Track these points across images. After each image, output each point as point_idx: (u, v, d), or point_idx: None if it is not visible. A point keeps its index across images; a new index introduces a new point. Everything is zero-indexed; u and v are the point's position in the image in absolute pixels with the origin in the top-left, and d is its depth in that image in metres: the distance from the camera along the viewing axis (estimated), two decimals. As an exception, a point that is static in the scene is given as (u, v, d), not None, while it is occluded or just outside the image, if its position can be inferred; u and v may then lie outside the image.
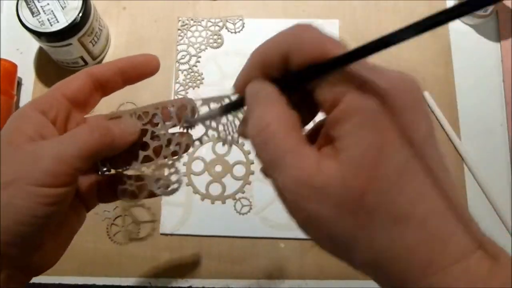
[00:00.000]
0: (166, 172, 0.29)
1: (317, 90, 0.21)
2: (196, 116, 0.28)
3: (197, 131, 0.29)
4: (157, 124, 0.28)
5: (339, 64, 0.20)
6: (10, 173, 0.23)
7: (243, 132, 0.25)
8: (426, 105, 0.21)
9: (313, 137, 0.23)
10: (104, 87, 0.28)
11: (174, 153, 0.29)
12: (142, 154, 0.28)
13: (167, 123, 0.28)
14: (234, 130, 0.27)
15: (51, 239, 0.27)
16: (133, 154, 0.28)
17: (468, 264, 0.19)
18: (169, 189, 0.28)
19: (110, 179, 0.30)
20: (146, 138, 0.28)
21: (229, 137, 0.27)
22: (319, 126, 0.23)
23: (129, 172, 0.29)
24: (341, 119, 0.20)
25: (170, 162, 0.28)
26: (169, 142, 0.28)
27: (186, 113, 0.28)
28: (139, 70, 0.29)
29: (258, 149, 0.21)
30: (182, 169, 0.53)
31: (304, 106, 0.23)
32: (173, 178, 0.28)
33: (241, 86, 0.24)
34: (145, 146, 0.28)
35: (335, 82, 0.20)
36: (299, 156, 0.20)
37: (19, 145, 0.24)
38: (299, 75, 0.21)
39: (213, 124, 0.27)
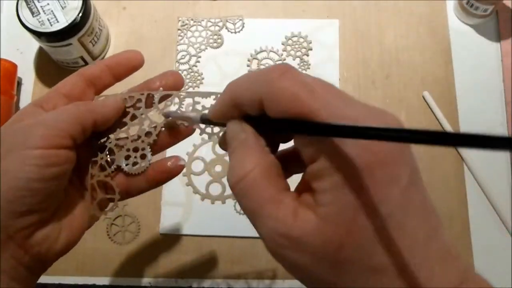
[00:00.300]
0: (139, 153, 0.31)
1: (295, 140, 0.21)
2: (177, 110, 0.30)
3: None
4: (139, 108, 0.30)
5: (316, 132, 0.20)
6: (7, 144, 0.26)
7: (221, 144, 0.27)
8: (407, 152, 0.20)
9: (292, 162, 0.23)
10: (95, 83, 0.31)
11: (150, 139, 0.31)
12: (119, 131, 0.30)
13: (148, 109, 0.30)
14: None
15: (59, 224, 0.28)
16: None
17: None
18: (135, 167, 0.30)
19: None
20: (126, 119, 0.30)
21: (209, 129, 0.30)
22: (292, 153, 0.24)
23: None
24: (318, 176, 0.20)
25: (142, 141, 0.30)
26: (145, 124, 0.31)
27: (168, 102, 0.31)
28: (125, 65, 0.31)
29: (238, 198, 0.22)
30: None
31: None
32: (142, 159, 0.30)
33: (216, 117, 0.25)
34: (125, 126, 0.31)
35: (313, 139, 0.20)
36: (276, 208, 0.20)
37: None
38: (275, 125, 0.21)
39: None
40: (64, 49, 0.53)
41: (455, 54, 0.57)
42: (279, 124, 0.21)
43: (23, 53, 0.59)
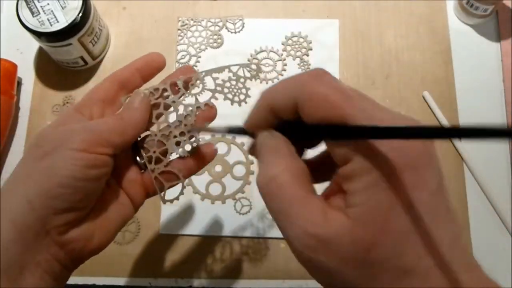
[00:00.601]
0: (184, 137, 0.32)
1: (328, 144, 0.22)
2: (200, 88, 0.32)
3: (206, 96, 0.32)
4: (168, 97, 0.32)
5: (351, 136, 0.20)
6: (53, 143, 0.27)
7: (251, 151, 0.27)
8: (435, 157, 0.21)
9: (319, 170, 0.24)
10: (126, 86, 0.32)
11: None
12: (159, 122, 0.32)
13: (177, 95, 0.32)
14: (242, 92, 0.31)
15: (94, 224, 0.29)
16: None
17: None
18: (188, 149, 0.32)
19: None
20: (160, 109, 0.32)
21: (236, 98, 0.32)
22: (322, 159, 0.25)
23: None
24: (351, 177, 0.20)
25: (185, 125, 0.32)
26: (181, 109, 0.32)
27: (192, 83, 0.32)
28: (152, 67, 0.33)
29: (266, 199, 0.22)
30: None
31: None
32: (188, 142, 0.32)
33: (251, 126, 0.25)
34: (160, 117, 0.32)
35: (343, 143, 0.21)
36: (306, 207, 0.21)
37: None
38: (309, 131, 0.22)
39: (220, 88, 0.32)
40: (64, 49, 0.53)
41: (455, 54, 0.57)
42: (315, 129, 0.22)
43: (23, 53, 0.59)
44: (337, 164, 0.21)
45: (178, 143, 0.32)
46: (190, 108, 0.32)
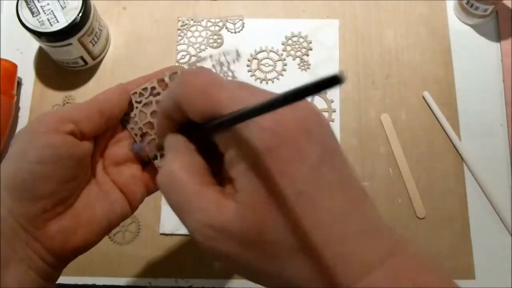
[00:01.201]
0: None
1: (214, 138, 0.23)
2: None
3: None
4: (158, 94, 0.31)
5: (227, 124, 0.21)
6: (24, 128, 0.27)
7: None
8: (318, 131, 0.21)
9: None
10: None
11: None
12: (153, 120, 0.31)
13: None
14: (229, 75, 0.31)
15: (75, 219, 0.28)
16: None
17: (373, 278, 0.20)
18: None
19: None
20: (153, 107, 0.31)
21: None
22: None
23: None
24: (231, 163, 0.21)
25: None
26: None
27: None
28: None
29: (165, 195, 0.23)
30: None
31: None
32: None
33: (159, 135, 0.27)
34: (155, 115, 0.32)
35: (219, 134, 0.22)
36: (200, 200, 0.21)
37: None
38: (194, 128, 0.23)
39: None
40: (64, 49, 0.53)
41: (455, 54, 0.57)
42: (192, 127, 0.23)
43: (23, 53, 0.59)
44: (223, 153, 0.22)
45: None
46: None
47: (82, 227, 0.28)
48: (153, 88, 0.31)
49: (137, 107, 0.31)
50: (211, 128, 0.22)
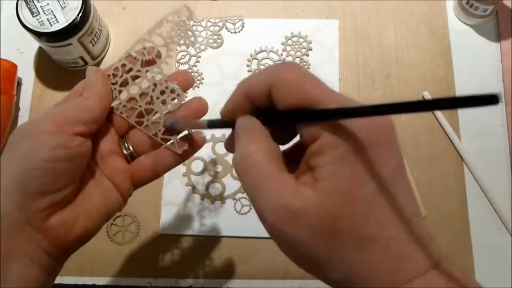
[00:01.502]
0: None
1: (300, 124, 0.23)
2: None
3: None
4: (130, 70, 0.32)
5: (320, 117, 0.22)
6: (23, 133, 0.28)
7: (227, 145, 0.28)
8: (396, 141, 0.23)
9: (290, 160, 0.25)
10: None
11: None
12: (135, 95, 0.32)
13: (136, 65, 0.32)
14: (188, 35, 0.33)
15: (76, 210, 0.29)
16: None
17: (427, 279, 0.21)
18: (174, 102, 0.32)
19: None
20: (130, 83, 0.32)
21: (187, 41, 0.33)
22: (295, 150, 0.26)
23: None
24: (319, 152, 0.22)
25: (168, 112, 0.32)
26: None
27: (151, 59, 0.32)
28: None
29: (241, 176, 0.24)
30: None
31: (285, 129, 0.26)
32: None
33: (228, 113, 0.26)
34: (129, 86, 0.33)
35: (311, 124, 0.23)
36: (278, 182, 0.22)
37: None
38: (282, 117, 0.24)
39: None
40: (64, 49, 0.53)
41: (455, 54, 0.57)
42: (287, 115, 0.23)
43: (23, 53, 0.59)
44: (306, 145, 0.23)
45: (163, 102, 0.32)
46: (165, 94, 0.32)
47: (82, 216, 0.29)
48: (123, 65, 0.32)
49: (115, 88, 0.32)
50: (302, 117, 0.23)
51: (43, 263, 0.27)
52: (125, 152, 0.32)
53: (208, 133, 0.53)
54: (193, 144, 0.32)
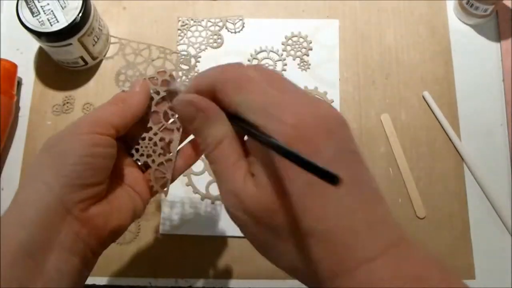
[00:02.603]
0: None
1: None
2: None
3: None
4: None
5: (248, 133, 0.24)
6: (61, 135, 0.30)
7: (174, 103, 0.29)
8: (336, 132, 0.23)
9: None
10: None
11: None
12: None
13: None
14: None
15: (111, 204, 0.31)
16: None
17: (372, 267, 0.21)
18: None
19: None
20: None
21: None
22: None
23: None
24: (252, 150, 0.24)
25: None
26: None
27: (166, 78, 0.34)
28: None
29: (211, 163, 0.26)
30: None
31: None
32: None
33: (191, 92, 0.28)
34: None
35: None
36: (234, 172, 0.24)
37: None
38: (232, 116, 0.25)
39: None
40: (64, 49, 0.53)
41: (455, 54, 0.57)
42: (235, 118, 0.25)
43: (23, 53, 0.59)
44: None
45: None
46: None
47: (115, 211, 0.31)
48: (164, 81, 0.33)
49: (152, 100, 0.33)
50: (236, 122, 0.25)
51: (80, 254, 0.29)
52: (139, 163, 0.34)
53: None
54: (198, 150, 0.34)
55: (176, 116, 0.33)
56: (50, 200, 0.27)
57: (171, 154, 0.33)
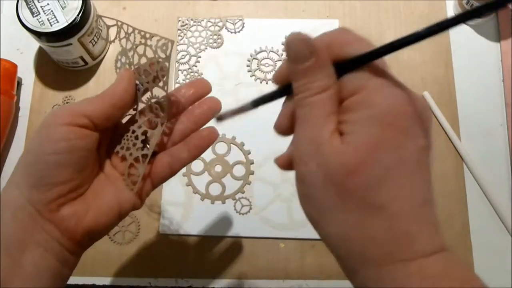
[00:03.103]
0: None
1: (345, 77, 0.24)
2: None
3: None
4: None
5: (363, 61, 0.23)
6: (45, 120, 0.29)
7: (277, 77, 0.27)
8: (430, 129, 0.23)
9: None
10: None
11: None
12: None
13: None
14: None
15: (86, 203, 0.30)
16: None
17: (425, 262, 0.21)
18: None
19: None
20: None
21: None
22: None
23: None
24: (356, 107, 0.22)
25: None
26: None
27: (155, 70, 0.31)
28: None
29: (303, 106, 0.24)
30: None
31: None
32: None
33: (281, 76, 0.26)
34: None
35: (361, 74, 0.23)
36: (325, 123, 0.23)
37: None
38: (338, 66, 0.24)
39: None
40: (64, 49, 0.53)
41: (455, 54, 0.57)
42: (341, 64, 0.24)
43: (23, 53, 0.59)
44: (344, 99, 0.24)
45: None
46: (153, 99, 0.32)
47: (92, 210, 0.30)
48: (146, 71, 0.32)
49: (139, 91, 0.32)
50: (348, 67, 0.24)
51: (56, 253, 0.28)
52: (119, 155, 0.32)
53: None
54: (208, 137, 0.33)
55: (161, 112, 0.31)
56: (20, 202, 0.28)
57: (147, 149, 0.32)
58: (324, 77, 0.24)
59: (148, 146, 0.32)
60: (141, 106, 0.32)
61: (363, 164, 0.21)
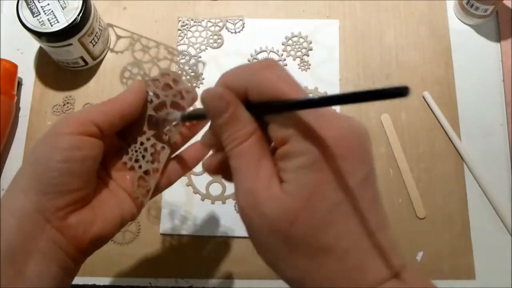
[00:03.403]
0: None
1: (270, 126, 0.24)
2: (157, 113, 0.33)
3: None
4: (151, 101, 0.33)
5: (290, 107, 0.22)
6: (42, 137, 0.29)
7: (206, 140, 0.27)
8: (368, 151, 0.23)
9: None
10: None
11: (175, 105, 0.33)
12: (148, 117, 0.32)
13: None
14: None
15: (93, 212, 0.30)
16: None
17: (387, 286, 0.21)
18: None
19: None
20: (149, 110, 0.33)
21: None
22: None
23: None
24: (287, 156, 0.22)
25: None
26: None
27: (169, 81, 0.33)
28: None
29: (233, 158, 0.24)
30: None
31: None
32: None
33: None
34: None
35: (285, 123, 0.22)
36: (258, 170, 0.23)
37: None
38: (255, 107, 0.24)
39: None
40: (64, 49, 0.53)
41: (455, 54, 0.57)
42: (259, 106, 0.24)
43: (23, 53, 0.59)
44: (276, 147, 0.23)
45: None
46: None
47: (99, 218, 0.30)
48: (166, 85, 0.33)
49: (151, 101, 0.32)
50: (274, 109, 0.23)
51: (60, 261, 0.28)
52: (127, 166, 0.33)
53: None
54: (195, 127, 0.34)
55: (173, 124, 0.32)
56: (27, 209, 0.27)
57: (158, 163, 0.32)
58: (245, 124, 0.24)
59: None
60: (150, 117, 0.33)
61: (303, 211, 0.21)
